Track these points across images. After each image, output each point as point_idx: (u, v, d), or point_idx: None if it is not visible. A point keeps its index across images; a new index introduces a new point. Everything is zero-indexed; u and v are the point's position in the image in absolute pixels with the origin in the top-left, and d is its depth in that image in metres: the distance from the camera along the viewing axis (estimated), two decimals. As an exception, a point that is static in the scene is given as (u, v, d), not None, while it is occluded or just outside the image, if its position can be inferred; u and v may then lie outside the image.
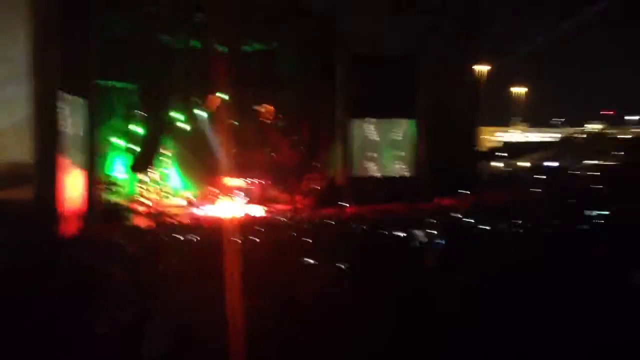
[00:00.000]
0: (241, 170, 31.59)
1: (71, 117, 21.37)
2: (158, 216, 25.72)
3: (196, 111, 30.29)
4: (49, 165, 18.88)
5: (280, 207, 28.89)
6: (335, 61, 28.85)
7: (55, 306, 4.05)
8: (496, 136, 56.75)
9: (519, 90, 54.85)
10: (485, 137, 53.05)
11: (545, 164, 40.65)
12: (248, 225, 19.25)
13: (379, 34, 27.95)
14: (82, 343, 3.38)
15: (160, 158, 30.20)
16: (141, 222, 25.31)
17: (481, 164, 36.79)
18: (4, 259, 7.93)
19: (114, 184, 26.66)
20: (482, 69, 36.22)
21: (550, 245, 5.35)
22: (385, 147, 30.45)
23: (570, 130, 54.88)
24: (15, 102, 19.12)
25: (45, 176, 18.75)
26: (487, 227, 12.16)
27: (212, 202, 29.20)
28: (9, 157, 18.99)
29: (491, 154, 46.06)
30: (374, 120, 30.20)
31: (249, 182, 31.47)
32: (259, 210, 27.70)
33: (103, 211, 23.41)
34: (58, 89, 19.51)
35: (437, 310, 3.01)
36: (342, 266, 5.03)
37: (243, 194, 30.08)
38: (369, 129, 30.25)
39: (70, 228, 19.04)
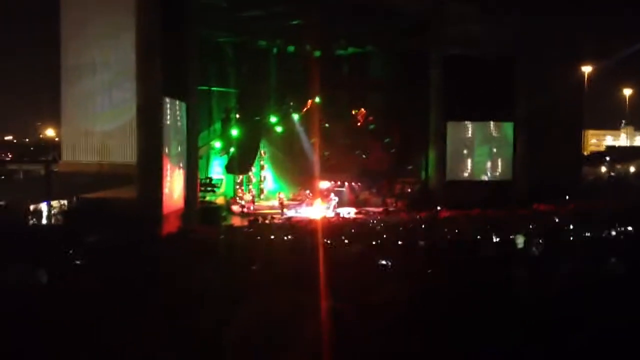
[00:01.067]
0: (333, 172, 31.83)
1: (173, 121, 22.29)
2: (253, 216, 26.29)
3: (291, 114, 30.80)
4: (152, 166, 19.73)
5: (372, 209, 28.84)
6: (430, 63, 28.45)
7: (155, 301, 4.22)
8: (601, 140, 54.22)
9: (627, 92, 52.11)
10: (590, 141, 50.76)
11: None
12: (339, 227, 19.37)
13: (474, 35, 27.33)
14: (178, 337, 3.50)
15: (257, 160, 30.90)
16: (237, 222, 26.00)
17: (584, 168, 35.23)
18: (111, 255, 8.31)
19: (213, 184, 27.46)
20: (587, 69, 34.65)
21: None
22: (481, 151, 29.74)
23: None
24: (121, 107, 20.15)
25: (147, 177, 19.61)
26: (587, 235, 11.63)
27: (305, 203, 29.54)
28: (114, 158, 20.03)
29: (595, 158, 43.97)
30: (469, 123, 29.58)
31: (341, 184, 31.64)
32: (350, 213, 27.76)
33: (201, 210, 24.20)
34: (161, 94, 20.37)
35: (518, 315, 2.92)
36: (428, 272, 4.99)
37: (335, 196, 30.24)
38: (464, 132, 29.66)
39: (170, 226, 19.80)
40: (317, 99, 29.99)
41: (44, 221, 18.47)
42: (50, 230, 16.91)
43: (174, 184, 22.08)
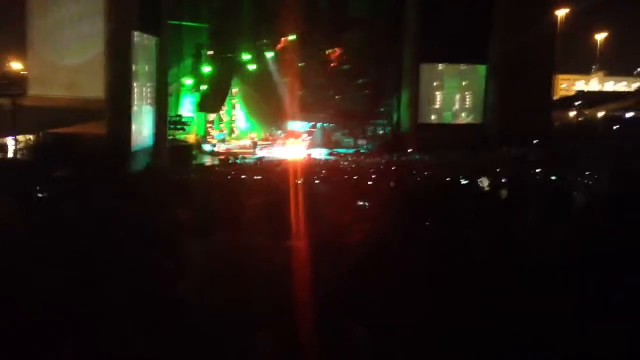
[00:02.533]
0: (306, 112, 31.66)
1: (143, 56, 21.77)
2: (224, 156, 26.18)
3: (264, 52, 30.29)
4: (121, 102, 19.38)
5: (343, 150, 28.93)
6: (407, 3, 28.06)
7: (125, 239, 4.18)
8: (572, 85, 54.59)
9: (599, 37, 52.18)
10: (561, 85, 51.04)
11: (621, 114, 38.91)
12: (311, 167, 19.39)
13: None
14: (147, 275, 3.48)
15: (228, 99, 30.53)
16: (208, 161, 25.89)
17: (555, 113, 35.52)
18: (79, 191, 8.22)
19: (183, 122, 27.17)
20: (561, 12, 34.48)
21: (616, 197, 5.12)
22: (454, 93, 29.77)
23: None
24: (89, 40, 19.59)
25: (116, 112, 19.28)
26: (555, 177, 11.81)
27: (277, 143, 29.47)
28: (82, 93, 19.60)
29: (564, 103, 44.36)
30: (443, 65, 29.47)
31: (314, 125, 31.56)
32: (322, 153, 27.81)
33: (171, 148, 23.99)
34: (130, 28, 19.82)
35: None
36: (403, 211, 5.02)
37: (307, 137, 30.21)
38: (438, 74, 29.58)
39: (139, 163, 19.63)
40: (291, 37, 29.47)
41: (10, 156, 18.15)
42: (15, 164, 16.64)
43: (143, 121, 21.76)
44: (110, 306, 2.95)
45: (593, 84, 56.84)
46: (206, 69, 27.72)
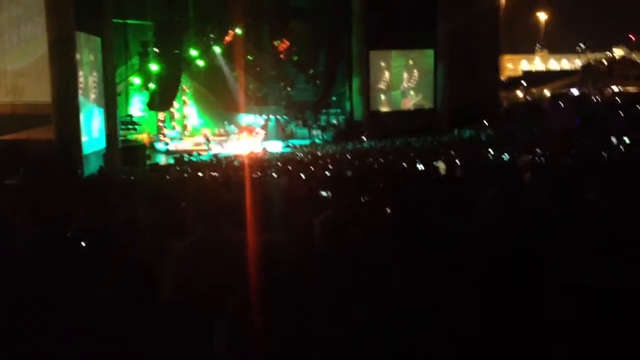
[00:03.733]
0: (258, 105, 31.54)
1: (87, 56, 21.32)
2: (177, 153, 25.91)
3: (212, 47, 29.98)
4: (68, 105, 18.92)
5: (299, 142, 28.96)
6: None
7: (78, 245, 4.14)
8: (517, 65, 55.63)
9: (542, 16, 53.29)
10: (507, 65, 52.01)
11: (567, 91, 39.91)
12: (266, 160, 19.37)
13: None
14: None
15: (179, 96, 30.14)
16: (162, 160, 25.58)
17: (502, 93, 36.26)
18: (28, 198, 8.05)
19: (134, 122, 26.74)
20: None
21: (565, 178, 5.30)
22: (404, 80, 30.11)
23: (592, 56, 53.33)
24: (31, 43, 19.08)
25: (64, 116, 18.81)
26: (506, 158, 12.10)
27: (231, 138, 29.29)
28: (28, 98, 19.09)
29: (511, 83, 45.27)
30: (392, 52, 29.75)
31: (267, 117, 31.49)
32: (276, 146, 27.76)
33: (124, 149, 23.62)
34: (73, 28, 19.36)
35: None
36: (361, 199, 5.08)
37: (261, 130, 30.12)
38: (388, 61, 29.85)
39: (92, 166, 19.29)
40: (238, 30, 29.25)
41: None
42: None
43: (92, 123, 21.36)
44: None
45: (537, 63, 58.05)
46: (154, 66, 27.27)
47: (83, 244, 3.98)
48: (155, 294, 2.77)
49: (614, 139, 14.19)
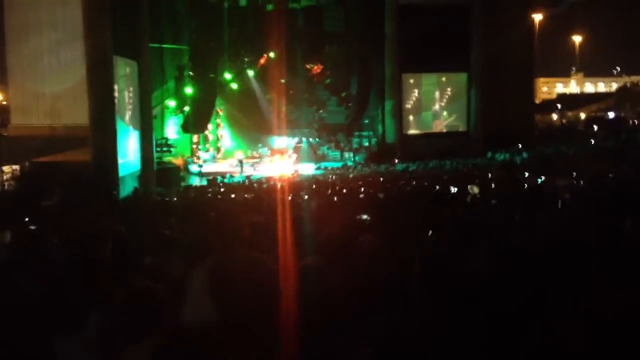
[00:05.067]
0: (291, 128, 31.71)
1: (125, 80, 21.73)
2: (212, 176, 26.10)
3: (245, 70, 30.35)
4: (105, 127, 19.27)
5: (331, 164, 28.95)
6: (384, 15, 28.26)
7: (112, 263, 4.15)
8: (552, 88, 55.09)
9: (577, 39, 52.79)
10: (542, 89, 51.51)
11: (603, 114, 39.33)
12: (299, 183, 19.37)
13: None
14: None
15: (213, 118, 30.48)
16: (195, 182, 25.79)
17: (537, 116, 35.86)
18: (66, 220, 8.15)
19: (168, 145, 27.07)
20: (538, 17, 34.90)
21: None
22: (437, 103, 29.98)
23: (628, 79, 52.53)
24: (70, 67, 19.51)
25: (101, 138, 19.15)
26: (540, 180, 11.88)
27: (264, 161, 29.44)
28: (66, 121, 19.49)
29: (547, 106, 44.78)
30: (425, 74, 29.69)
31: (299, 140, 31.61)
32: (309, 168, 27.80)
33: (158, 171, 23.89)
34: (111, 53, 19.77)
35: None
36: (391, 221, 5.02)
37: (293, 152, 30.23)
38: (420, 84, 29.79)
39: (127, 188, 19.52)
40: (271, 54, 29.56)
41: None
42: (1, 195, 16.48)
43: (128, 145, 21.69)
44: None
45: (572, 85, 57.42)
46: (189, 90, 27.70)
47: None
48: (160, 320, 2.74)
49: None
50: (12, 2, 19.85)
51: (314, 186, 15.98)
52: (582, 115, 42.16)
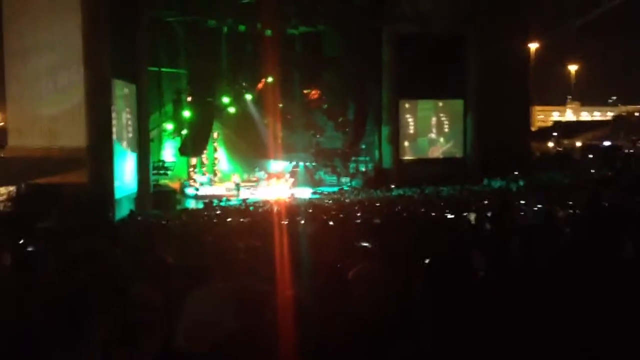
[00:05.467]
0: (288, 152, 31.77)
1: (123, 103, 21.82)
2: (207, 198, 26.08)
3: (243, 95, 30.49)
4: (102, 149, 19.31)
5: (327, 189, 28.98)
6: (382, 42, 28.53)
7: (111, 284, 4.14)
8: (548, 116, 55.46)
9: (572, 68, 53.27)
10: (537, 116, 51.83)
11: (598, 143, 39.54)
12: (295, 207, 19.36)
13: (425, 13, 27.51)
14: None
15: (210, 142, 30.55)
16: (192, 205, 25.76)
17: (533, 144, 36.00)
18: (62, 240, 8.12)
19: (165, 167, 27.08)
20: (533, 46, 35.23)
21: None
22: (433, 129, 30.13)
23: (623, 108, 52.94)
24: (68, 89, 19.60)
25: (98, 160, 19.19)
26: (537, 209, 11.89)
27: (260, 184, 29.44)
28: (63, 143, 19.50)
29: (543, 133, 45.03)
30: (421, 101, 29.88)
31: (296, 164, 31.67)
32: (306, 193, 27.81)
33: (155, 193, 23.88)
34: (109, 76, 19.89)
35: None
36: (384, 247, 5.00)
37: (290, 177, 30.26)
38: (417, 110, 29.96)
39: (123, 210, 19.49)
40: (269, 79, 29.73)
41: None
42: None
43: (125, 168, 21.70)
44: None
45: (569, 114, 57.83)
46: (186, 113, 27.80)
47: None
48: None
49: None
50: (11, 25, 19.99)
51: (310, 210, 15.97)
52: (578, 144, 42.38)
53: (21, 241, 7.45)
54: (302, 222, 11.68)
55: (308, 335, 2.63)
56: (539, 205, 12.50)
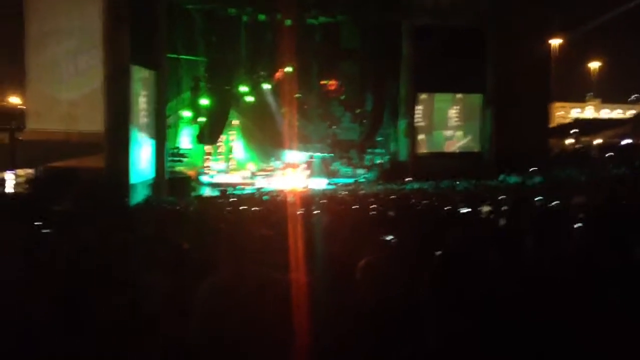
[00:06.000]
0: (304, 143, 31.79)
1: (141, 89, 21.91)
2: (222, 186, 26.19)
3: (261, 84, 30.51)
4: (120, 135, 19.45)
5: (342, 180, 28.96)
6: (401, 34, 28.37)
7: (124, 271, 4.15)
8: (568, 112, 54.90)
9: (594, 65, 52.64)
10: (557, 113, 51.32)
11: (618, 141, 39.06)
12: (310, 198, 19.35)
13: (446, 5, 27.29)
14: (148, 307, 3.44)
15: (227, 130, 30.64)
16: (207, 192, 25.88)
17: (552, 140, 35.68)
18: (77, 225, 8.17)
19: (181, 154, 27.21)
20: (555, 42, 34.85)
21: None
22: (450, 123, 29.95)
23: (645, 106, 52.26)
24: (87, 74, 19.74)
25: (115, 146, 19.33)
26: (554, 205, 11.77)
27: (276, 174, 29.49)
28: (81, 127, 19.67)
29: (561, 130, 44.59)
30: (440, 95, 29.70)
31: (312, 155, 31.67)
32: (321, 183, 27.81)
33: (170, 180, 24.00)
34: (128, 62, 19.98)
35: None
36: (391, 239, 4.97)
37: (306, 167, 30.27)
38: (434, 104, 29.79)
39: (139, 196, 19.61)
40: (288, 69, 29.71)
41: (9, 190, 18.11)
42: (15, 199, 16.59)
43: (142, 154, 21.81)
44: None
45: (589, 111, 57.21)
46: (204, 101, 27.88)
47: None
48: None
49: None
50: (33, 10, 20.12)
51: (324, 201, 15.94)
52: (597, 141, 41.93)
53: (36, 224, 7.51)
54: (316, 212, 11.67)
55: (318, 325, 2.63)
56: (556, 202, 12.39)
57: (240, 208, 14.87)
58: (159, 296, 3.79)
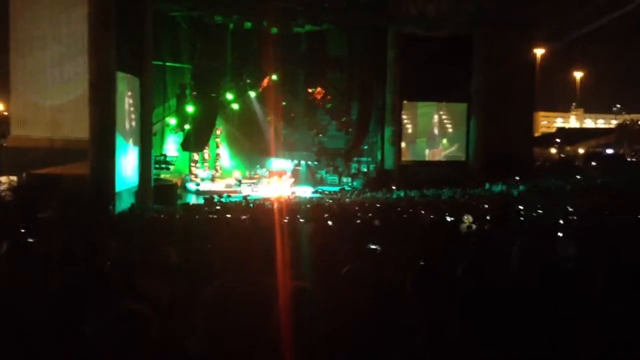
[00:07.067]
0: (290, 151, 31.78)
1: (126, 96, 21.82)
2: (207, 194, 26.09)
3: (247, 92, 30.50)
4: (105, 142, 19.31)
5: (328, 188, 28.97)
6: (387, 43, 28.51)
7: (106, 278, 4.13)
8: (552, 122, 55.39)
9: (577, 75, 53.21)
10: (541, 122, 51.78)
11: (601, 150, 39.49)
12: (295, 205, 19.35)
13: (431, 14, 27.50)
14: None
15: (212, 137, 30.55)
16: (191, 200, 25.77)
17: (536, 149, 36.00)
18: (61, 232, 8.13)
19: (167, 162, 27.07)
20: (539, 52, 35.19)
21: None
22: (436, 131, 30.11)
23: (628, 117, 52.84)
24: (72, 81, 19.63)
25: (100, 153, 19.19)
26: (538, 214, 11.89)
27: (261, 182, 29.44)
28: (66, 134, 19.53)
29: (546, 139, 45.01)
30: (425, 103, 29.86)
31: (298, 163, 31.68)
32: (307, 191, 27.80)
33: (156, 188, 23.87)
34: (114, 69, 19.89)
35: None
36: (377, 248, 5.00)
37: (291, 175, 30.26)
38: (420, 113, 29.95)
39: (124, 203, 19.50)
40: (274, 77, 29.73)
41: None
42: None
43: (127, 161, 21.71)
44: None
45: (572, 121, 57.79)
46: (190, 108, 27.81)
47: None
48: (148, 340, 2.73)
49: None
50: (18, 17, 20.02)
51: (309, 207, 15.97)
52: (581, 150, 42.34)
53: (20, 231, 7.47)
54: (302, 220, 11.68)
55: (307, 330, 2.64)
56: (540, 211, 12.50)
57: (227, 216, 14.85)
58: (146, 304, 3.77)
